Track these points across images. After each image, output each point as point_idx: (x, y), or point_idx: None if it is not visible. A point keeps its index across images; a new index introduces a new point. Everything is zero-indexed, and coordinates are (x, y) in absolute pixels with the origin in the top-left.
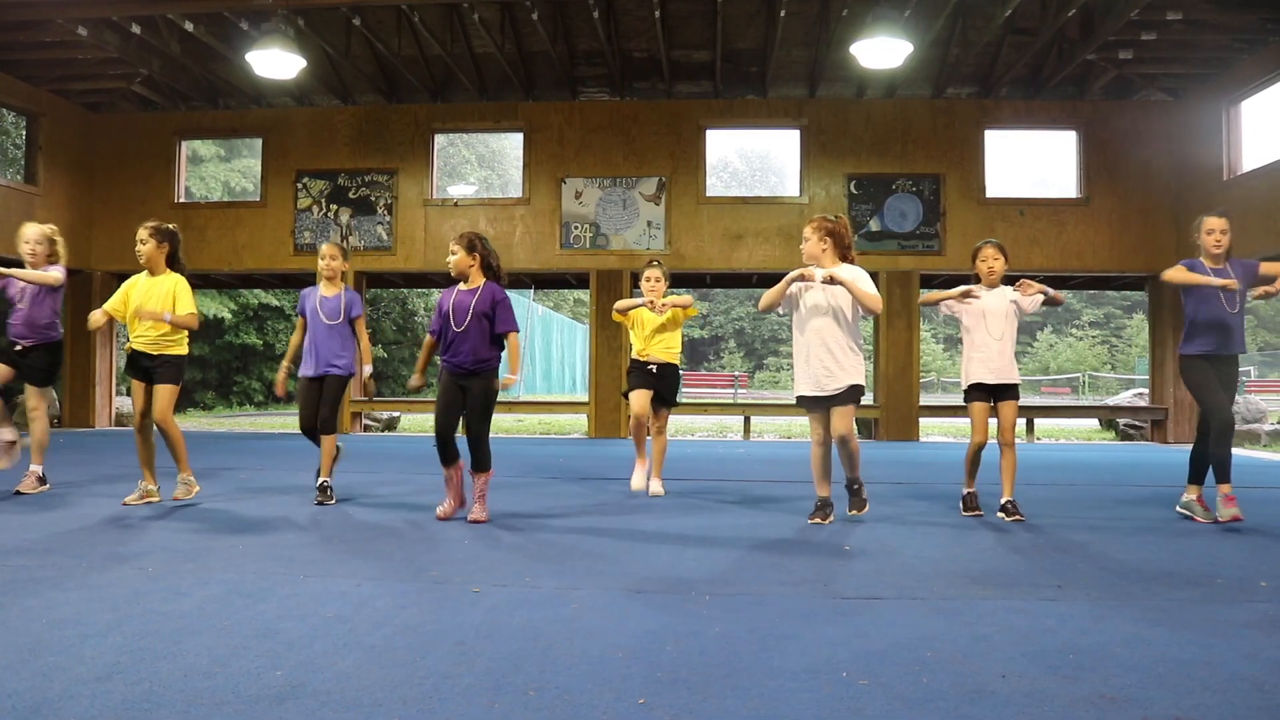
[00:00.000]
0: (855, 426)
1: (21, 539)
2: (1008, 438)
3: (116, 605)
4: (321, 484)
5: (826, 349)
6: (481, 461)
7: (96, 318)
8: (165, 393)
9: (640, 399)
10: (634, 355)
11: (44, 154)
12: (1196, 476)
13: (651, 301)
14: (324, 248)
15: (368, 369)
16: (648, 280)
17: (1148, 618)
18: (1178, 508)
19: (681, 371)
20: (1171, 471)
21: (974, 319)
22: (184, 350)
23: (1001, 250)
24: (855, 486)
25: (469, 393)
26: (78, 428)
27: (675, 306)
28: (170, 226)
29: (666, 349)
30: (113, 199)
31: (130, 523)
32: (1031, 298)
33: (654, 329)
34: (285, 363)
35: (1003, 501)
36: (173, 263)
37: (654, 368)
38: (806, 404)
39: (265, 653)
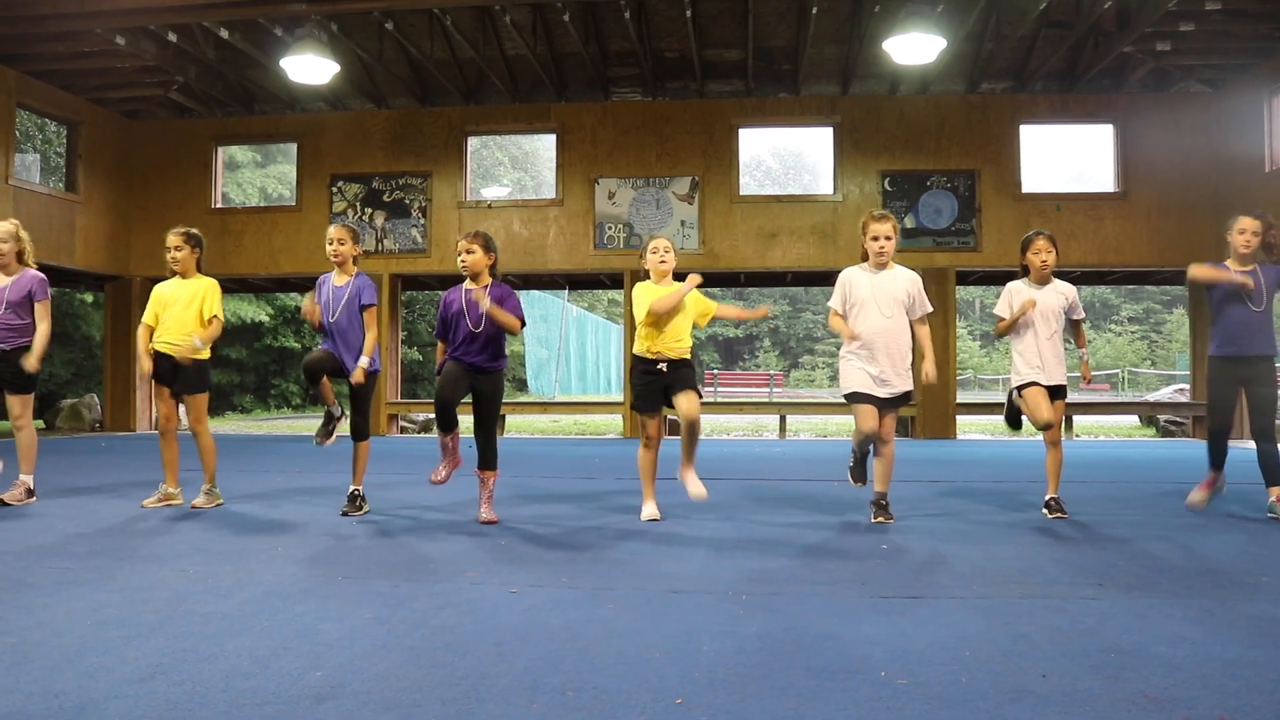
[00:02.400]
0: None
1: (64, 542)
2: (1054, 436)
3: (159, 607)
4: (352, 493)
5: (889, 355)
6: (491, 460)
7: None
8: (198, 402)
9: (655, 423)
10: (639, 352)
11: (84, 162)
12: (1271, 477)
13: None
14: (330, 230)
15: (364, 360)
16: (655, 253)
17: (1191, 617)
18: (1268, 514)
19: (716, 371)
20: None
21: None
22: (207, 353)
23: (1053, 243)
24: (884, 502)
25: (480, 392)
26: (119, 432)
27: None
28: (196, 231)
29: (677, 342)
30: (151, 205)
31: (170, 525)
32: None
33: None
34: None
35: (1046, 498)
36: (198, 267)
37: (664, 366)
38: (859, 399)
39: (305, 653)
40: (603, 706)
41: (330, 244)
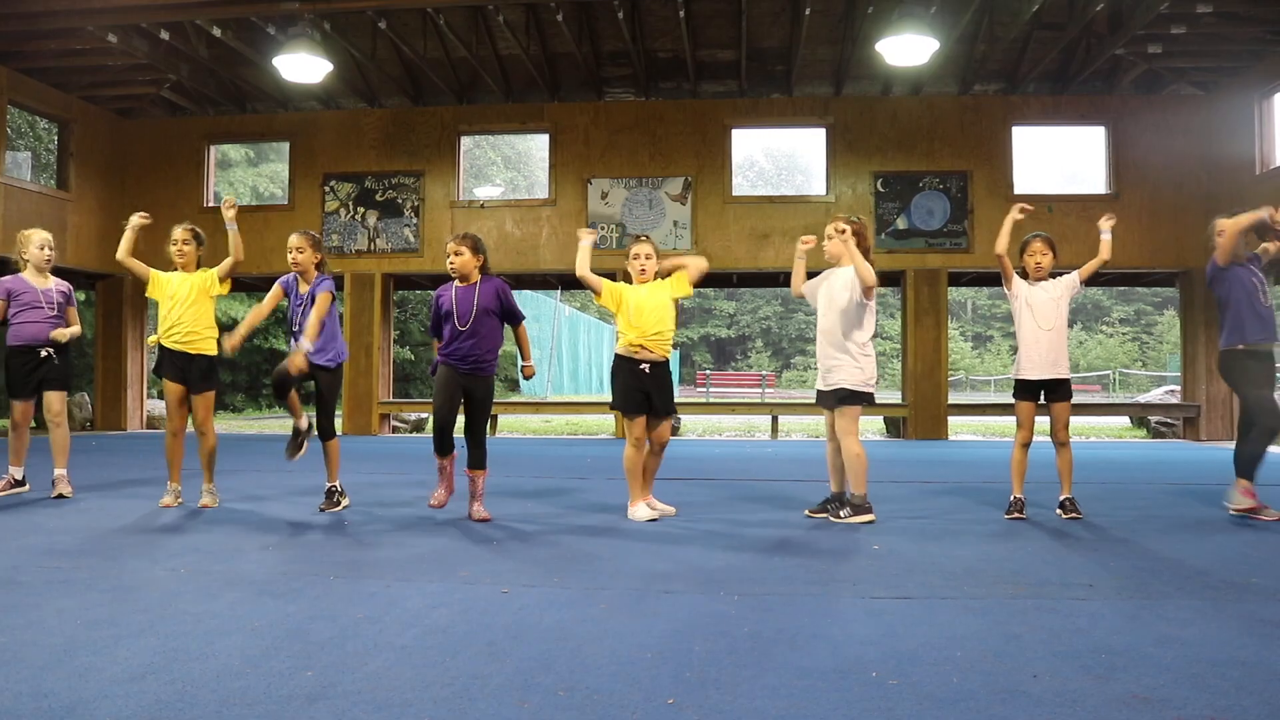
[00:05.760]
0: (856, 432)
1: (55, 541)
2: (1062, 436)
3: (149, 606)
4: (329, 489)
5: (827, 344)
6: (481, 460)
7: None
8: (206, 400)
9: (640, 423)
10: (621, 350)
11: (75, 160)
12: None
13: (643, 269)
14: (290, 239)
15: (305, 343)
16: (636, 259)
17: (1181, 617)
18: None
19: (709, 371)
20: (1204, 469)
21: (1022, 312)
22: (214, 350)
23: (1050, 245)
24: (856, 503)
25: (472, 393)
26: (109, 430)
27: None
28: (199, 229)
29: (656, 334)
30: (143, 204)
31: (161, 525)
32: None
33: (651, 311)
34: (243, 330)
35: (1061, 499)
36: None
37: (646, 367)
38: (819, 399)
39: (296, 653)
40: (595, 706)
41: (290, 252)
